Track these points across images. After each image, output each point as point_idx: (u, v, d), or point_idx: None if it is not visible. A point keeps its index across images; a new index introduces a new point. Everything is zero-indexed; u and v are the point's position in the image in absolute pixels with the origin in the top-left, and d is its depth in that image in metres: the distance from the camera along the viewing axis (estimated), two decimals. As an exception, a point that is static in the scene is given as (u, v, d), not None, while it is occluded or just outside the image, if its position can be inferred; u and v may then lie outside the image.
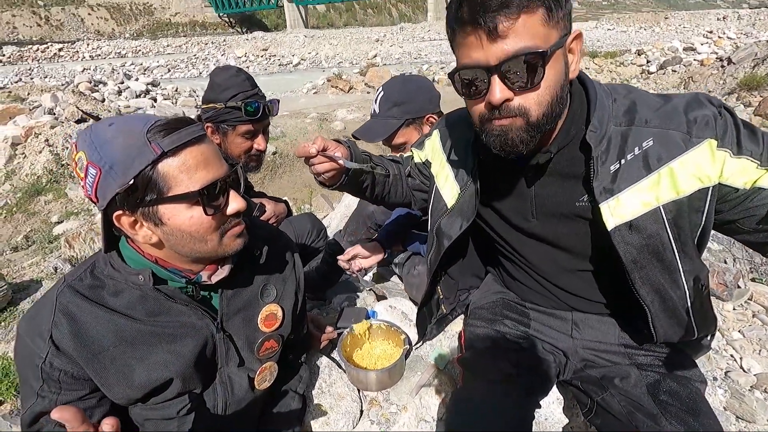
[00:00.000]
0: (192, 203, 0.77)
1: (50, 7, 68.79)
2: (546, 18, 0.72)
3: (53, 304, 0.80)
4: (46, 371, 0.78)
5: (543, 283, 1.09)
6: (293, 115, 11.01)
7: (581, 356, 1.07)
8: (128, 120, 0.76)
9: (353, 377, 1.31)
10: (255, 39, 41.62)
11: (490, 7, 0.70)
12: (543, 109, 0.78)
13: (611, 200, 0.85)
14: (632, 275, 0.89)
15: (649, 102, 0.86)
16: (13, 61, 33.31)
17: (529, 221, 1.00)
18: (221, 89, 1.45)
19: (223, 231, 0.83)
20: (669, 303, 0.90)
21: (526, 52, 0.72)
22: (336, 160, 0.99)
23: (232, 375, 0.95)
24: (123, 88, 13.02)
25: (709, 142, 0.79)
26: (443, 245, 1.11)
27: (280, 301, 1.02)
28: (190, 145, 0.76)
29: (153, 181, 0.74)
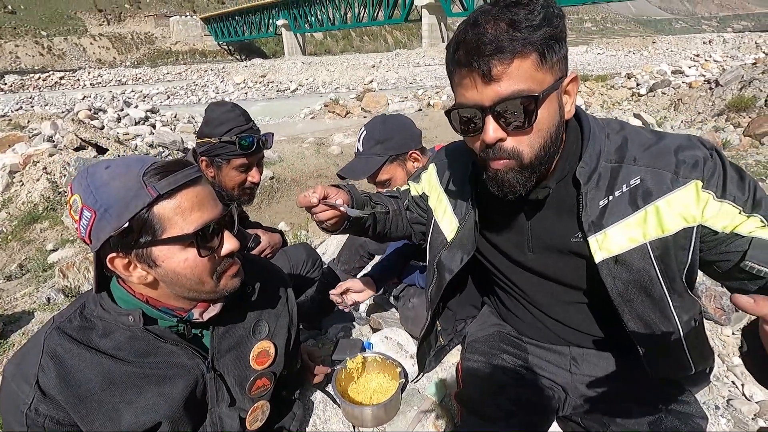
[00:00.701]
0: (186, 245, 0.77)
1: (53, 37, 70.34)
2: (539, 63, 0.74)
3: (41, 348, 0.78)
4: (31, 417, 0.76)
5: (540, 317, 1.08)
6: (291, 140, 11.14)
7: (580, 392, 1.05)
8: (124, 162, 0.77)
9: (348, 413, 1.28)
10: (253, 66, 42.52)
11: (484, 51, 0.73)
12: (535, 152, 0.80)
13: (599, 234, 0.86)
14: (620, 309, 0.89)
15: (640, 140, 0.87)
16: (15, 90, 33.79)
17: (525, 255, 1.01)
18: (216, 124, 1.47)
19: (219, 273, 0.83)
20: (661, 339, 0.90)
21: (518, 96, 0.74)
22: (337, 207, 1.00)
23: (223, 416, 0.93)
24: (122, 116, 13.18)
25: (695, 183, 0.80)
26: (445, 279, 1.11)
27: (273, 338, 1.01)
28: (185, 188, 0.77)
29: (148, 224, 0.74)
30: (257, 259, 1.14)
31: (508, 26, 0.72)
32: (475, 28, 0.74)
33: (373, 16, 61.48)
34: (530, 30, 0.72)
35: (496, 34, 0.72)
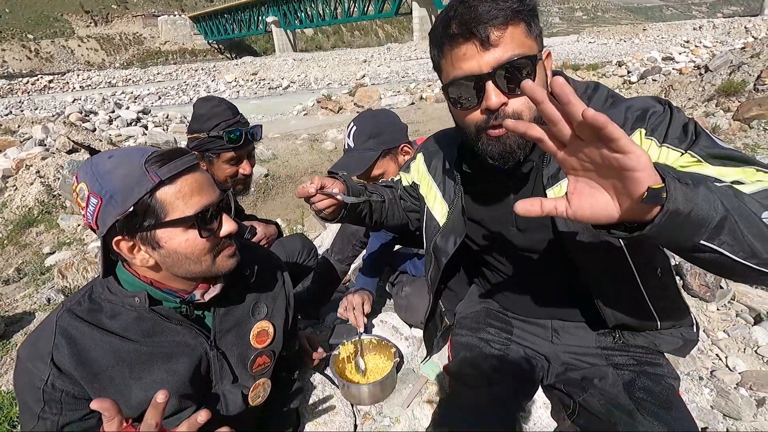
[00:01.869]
0: (187, 227, 0.83)
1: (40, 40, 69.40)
2: (528, 31, 0.82)
3: (53, 328, 0.83)
4: (47, 393, 0.80)
5: (523, 291, 1.14)
6: (284, 137, 11.13)
7: (562, 360, 1.11)
8: (127, 152, 0.82)
9: (346, 392, 1.34)
10: (244, 64, 42.24)
11: (480, 19, 0.78)
12: (534, 113, 0.84)
13: (555, 186, 0.92)
14: (578, 257, 0.95)
15: (603, 99, 0.94)
16: (3, 95, 33.43)
17: (509, 230, 1.06)
18: (204, 119, 1.51)
19: (216, 252, 0.88)
20: (617, 285, 0.96)
21: (518, 56, 0.80)
22: (334, 196, 1.05)
23: (227, 392, 0.98)
24: (114, 117, 13.12)
25: (639, 131, 0.86)
26: (441, 262, 1.16)
27: (271, 318, 1.06)
28: (185, 174, 0.82)
29: (151, 208, 0.79)
30: (254, 245, 1.19)
31: (493, 2, 0.79)
32: (462, 4, 0.81)
33: (364, 11, 61.17)
34: (514, 3, 0.79)
35: (486, 6, 0.79)
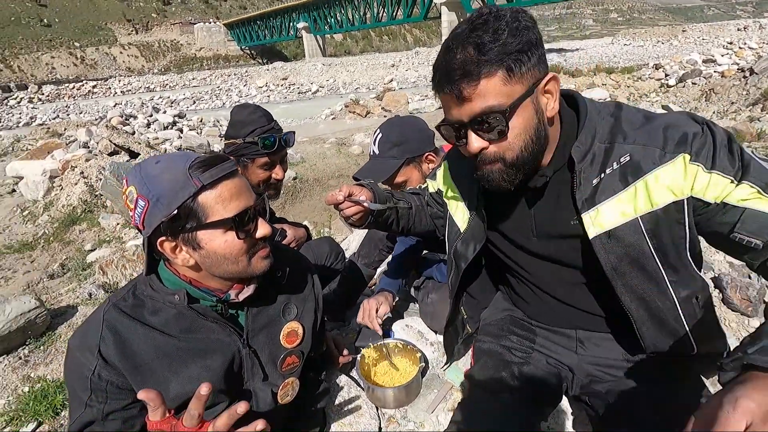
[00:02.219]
0: (227, 229, 0.87)
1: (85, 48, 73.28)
2: (506, 78, 0.81)
3: (101, 322, 0.89)
4: (94, 382, 0.86)
5: (547, 301, 1.12)
6: (312, 141, 11.32)
7: (587, 371, 1.09)
8: (172, 158, 0.88)
9: (371, 395, 1.35)
10: (275, 69, 43.26)
11: (453, 77, 0.82)
12: (517, 153, 0.87)
13: (592, 211, 0.91)
14: (614, 282, 0.93)
15: (632, 119, 0.91)
16: (52, 99, 35.42)
17: (530, 240, 1.05)
18: (240, 126, 1.57)
19: (251, 253, 0.92)
20: (656, 312, 0.93)
21: (488, 111, 0.82)
22: (361, 203, 1.10)
23: (257, 389, 1.02)
24: (151, 121, 13.69)
25: (683, 157, 0.83)
26: (461, 267, 1.17)
27: (301, 319, 1.09)
28: (225, 179, 0.87)
29: (194, 211, 0.84)
30: (286, 248, 1.22)
31: (475, 50, 0.80)
32: (446, 54, 0.83)
33: (393, 15, 61.50)
34: (495, 51, 0.79)
35: (463, 59, 0.80)
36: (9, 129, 17.79)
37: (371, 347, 1.45)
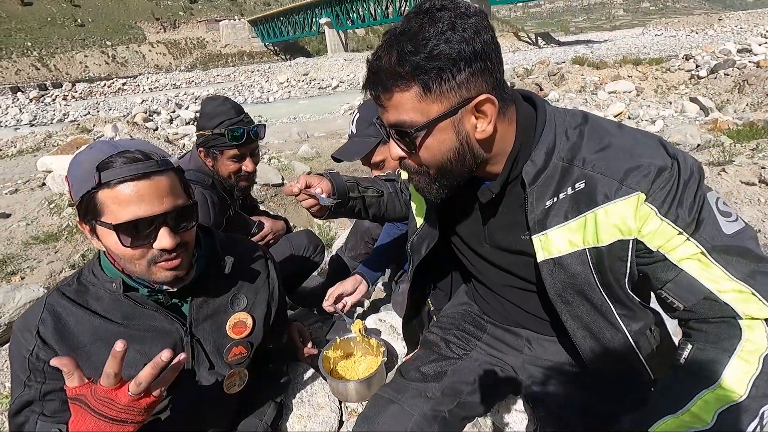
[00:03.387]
0: (117, 233, 0.85)
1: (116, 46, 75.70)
2: (421, 94, 0.75)
3: (42, 305, 0.93)
4: (32, 362, 0.89)
5: (500, 300, 1.10)
6: (329, 136, 11.37)
7: (529, 372, 1.07)
8: (100, 147, 0.87)
9: (333, 388, 1.35)
10: (297, 65, 43.61)
11: (372, 81, 0.80)
12: (436, 171, 0.84)
13: (542, 235, 0.86)
14: (558, 307, 0.89)
15: (597, 138, 0.83)
16: (84, 97, 36.80)
17: (483, 246, 1.03)
18: (209, 117, 1.59)
19: (150, 261, 0.89)
20: (604, 342, 0.89)
21: (398, 126, 0.80)
22: (315, 196, 1.09)
23: (202, 378, 1.03)
24: (174, 117, 14.07)
25: (638, 196, 0.76)
26: (415, 262, 1.16)
27: (251, 310, 1.10)
28: (129, 180, 0.84)
29: (92, 205, 0.85)
30: (240, 239, 1.22)
31: (396, 58, 0.75)
32: (375, 54, 0.80)
33: (415, 9, 60.83)
34: (413, 64, 0.73)
35: (382, 65, 0.77)
36: (43, 125, 18.60)
37: (337, 340, 1.45)
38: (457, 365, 1.08)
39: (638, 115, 8.34)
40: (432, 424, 0.96)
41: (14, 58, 64.66)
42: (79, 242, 6.24)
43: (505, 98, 0.81)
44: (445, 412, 0.98)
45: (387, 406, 1.00)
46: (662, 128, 7.09)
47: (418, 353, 1.16)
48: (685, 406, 0.72)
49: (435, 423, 0.97)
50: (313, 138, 10.99)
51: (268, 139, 9.84)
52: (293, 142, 9.88)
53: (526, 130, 0.86)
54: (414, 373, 1.08)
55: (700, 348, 0.77)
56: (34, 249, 6.14)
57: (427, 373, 1.07)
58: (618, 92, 11.15)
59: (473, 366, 1.08)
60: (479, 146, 0.83)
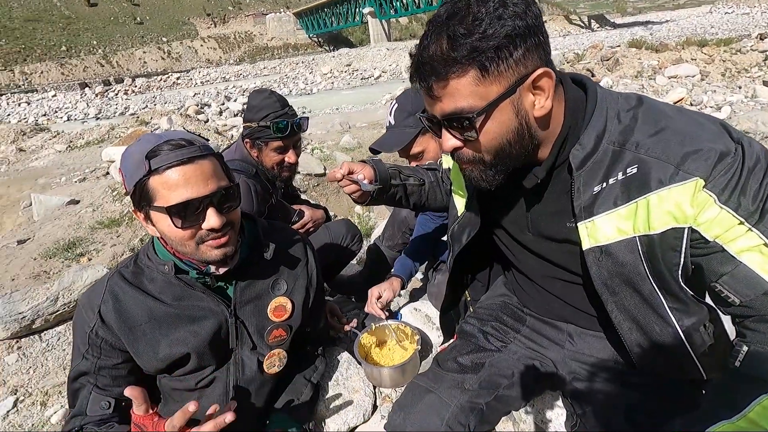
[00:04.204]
0: (170, 216, 0.91)
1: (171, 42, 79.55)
2: (479, 77, 0.72)
3: (104, 286, 1.02)
4: (92, 338, 0.99)
5: (541, 292, 1.07)
6: (371, 126, 11.42)
7: (570, 368, 1.03)
8: (148, 138, 0.94)
9: (368, 373, 1.39)
10: (340, 56, 43.95)
11: (422, 73, 0.76)
12: (493, 156, 0.80)
13: (588, 222, 0.82)
14: (604, 298, 0.85)
15: (651, 122, 0.78)
16: (143, 91, 39.06)
17: (525, 235, 1.00)
18: (255, 110, 1.66)
19: (199, 241, 0.95)
20: (653, 336, 0.84)
21: (457, 114, 0.75)
22: (357, 182, 1.11)
23: (244, 357, 1.09)
24: (223, 109, 14.67)
25: (696, 182, 0.71)
26: (455, 251, 1.16)
27: (290, 295, 1.15)
28: (175, 166, 0.90)
29: (144, 192, 0.91)
30: (281, 227, 1.27)
31: (447, 43, 0.71)
32: (421, 43, 0.76)
33: (460, -5, 59.29)
34: (468, 47, 0.70)
35: (433, 53, 0.73)
36: (107, 118, 19.99)
37: (373, 327, 1.48)
38: (494, 357, 1.07)
39: (702, 101, 7.72)
40: (469, 415, 0.96)
41: (82, 56, 69.71)
42: (137, 228, 6.68)
43: (556, 74, 0.78)
44: (482, 405, 0.97)
45: (424, 396, 1.01)
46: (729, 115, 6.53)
47: (454, 343, 1.16)
48: (742, 412, 0.68)
49: (472, 415, 0.96)
50: (355, 128, 11.09)
51: (311, 130, 10.03)
52: (335, 133, 10.02)
53: (575, 113, 0.83)
54: (451, 364, 1.07)
55: (758, 349, 0.72)
56: (99, 233, 6.66)
57: (464, 364, 1.06)
58: (679, 77, 10.34)
59: (511, 359, 1.07)
60: (537, 125, 0.80)
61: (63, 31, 74.49)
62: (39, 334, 2.51)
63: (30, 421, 2.05)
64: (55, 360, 2.38)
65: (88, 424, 0.98)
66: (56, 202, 6.63)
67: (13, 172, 9.06)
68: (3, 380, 2.27)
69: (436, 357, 1.15)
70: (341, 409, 1.29)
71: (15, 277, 4.23)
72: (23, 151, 10.84)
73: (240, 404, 1.10)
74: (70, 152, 10.34)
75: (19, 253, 4.90)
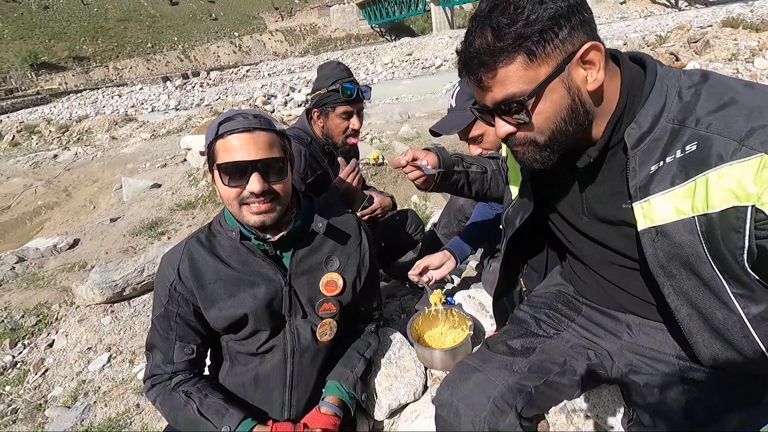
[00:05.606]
0: (220, 173, 1.03)
1: (242, 36, 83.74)
2: (527, 62, 0.74)
3: (183, 247, 1.16)
4: (171, 291, 1.14)
5: (598, 279, 1.03)
6: (430, 116, 11.32)
7: (627, 360, 0.99)
8: (227, 112, 1.07)
9: (420, 354, 1.42)
10: (401, 45, 43.78)
11: (470, 67, 0.79)
12: (548, 136, 0.81)
13: (644, 201, 0.79)
14: (660, 281, 0.81)
15: (715, 97, 0.74)
16: (216, 83, 41.64)
17: (581, 218, 0.97)
18: (324, 78, 1.78)
19: (241, 202, 1.05)
20: (714, 325, 0.79)
21: (507, 101, 0.78)
22: (421, 168, 1.15)
23: (299, 326, 1.18)
24: (288, 100, 15.28)
25: (761, 158, 0.66)
26: (508, 234, 1.16)
27: (342, 272, 1.21)
28: (236, 133, 1.01)
29: (211, 152, 1.04)
30: (338, 209, 1.31)
31: (492, 35, 0.74)
32: (466, 39, 0.79)
33: (528, -23, 56.32)
34: (512, 35, 0.72)
35: (479, 46, 0.76)
36: (185, 110, 21.63)
37: (426, 311, 1.51)
38: (546, 344, 1.06)
39: (810, 86, 6.75)
40: (516, 396, 0.95)
41: (164, 52, 75.68)
42: (210, 210, 7.23)
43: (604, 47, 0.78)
44: (531, 388, 0.97)
45: (472, 374, 1.02)
46: None
47: (506, 328, 1.16)
48: None
49: (519, 396, 0.96)
50: (414, 118, 11.06)
51: (371, 120, 10.16)
52: (394, 123, 10.06)
53: (631, 91, 0.81)
54: (501, 346, 1.08)
55: None
56: (177, 214, 7.29)
57: (514, 348, 1.06)
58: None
59: (564, 347, 1.05)
60: (590, 100, 0.80)
61: (149, 29, 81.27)
62: (128, 301, 2.84)
63: (121, 375, 2.34)
64: (141, 324, 2.68)
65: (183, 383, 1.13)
66: (142, 185, 7.33)
67: (107, 158, 10.14)
68: (100, 339, 2.60)
69: (486, 340, 1.16)
70: (393, 385, 1.34)
71: (108, 250, 4.78)
72: (115, 139, 12.08)
73: (298, 370, 1.19)
74: (154, 140, 11.35)
75: (112, 230, 5.51)
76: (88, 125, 14.03)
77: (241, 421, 1.06)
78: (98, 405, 2.15)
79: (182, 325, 1.15)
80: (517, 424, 0.93)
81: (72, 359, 2.49)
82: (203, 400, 1.09)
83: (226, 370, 1.21)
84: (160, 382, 1.14)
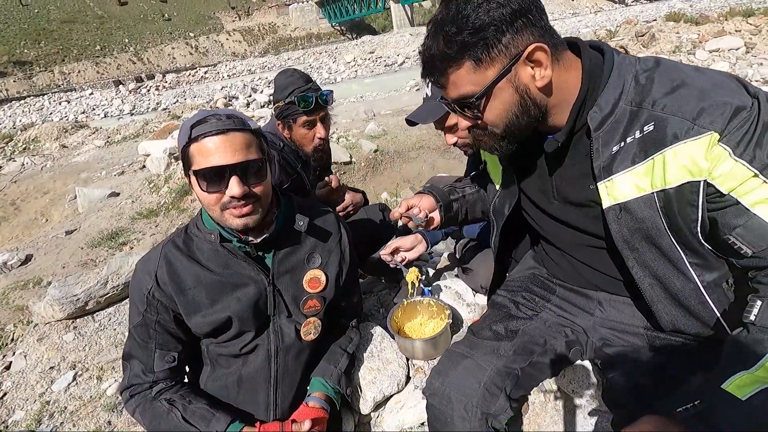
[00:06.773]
0: (197, 178, 1.00)
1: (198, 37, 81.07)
2: (474, 66, 0.81)
3: (160, 252, 1.12)
4: (149, 299, 1.09)
5: (570, 260, 1.09)
6: (395, 114, 11.37)
7: (600, 334, 1.05)
8: (199, 113, 1.03)
9: (401, 346, 1.44)
10: (363, 43, 43.71)
11: (427, 69, 0.87)
12: (503, 128, 0.87)
13: (607, 181, 0.85)
14: (624, 254, 0.88)
15: (667, 80, 0.80)
16: (173, 86, 40.12)
17: (552, 203, 1.02)
18: (281, 89, 1.71)
19: (222, 207, 1.02)
20: (674, 293, 0.86)
21: (461, 100, 0.84)
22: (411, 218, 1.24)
23: (282, 325, 1.17)
24: (250, 101, 14.93)
25: (711, 136, 0.72)
26: (499, 224, 1.19)
27: (325, 268, 1.21)
28: (210, 135, 0.98)
29: (186, 157, 1.01)
30: (317, 207, 1.32)
31: (444, 41, 0.80)
32: (424, 43, 0.86)
33: (484, -25, 57.51)
34: (459, 44, 0.79)
35: (434, 53, 0.83)
36: (141, 114, 20.72)
37: (404, 303, 1.53)
38: (527, 325, 1.10)
39: (747, 75, 7.28)
40: (505, 379, 0.99)
41: (115, 54, 72.14)
42: (174, 218, 6.98)
43: (556, 44, 0.82)
44: (518, 370, 1.01)
45: (461, 361, 1.05)
46: (776, 88, 6.14)
47: (487, 313, 1.20)
48: (760, 361, 0.71)
49: (508, 379, 1.00)
50: (380, 116, 11.07)
51: (336, 119, 10.10)
52: (360, 121, 10.03)
53: (592, 78, 0.86)
54: (486, 332, 1.11)
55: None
56: (139, 223, 6.99)
57: (499, 332, 1.10)
58: (722, 50, 9.74)
59: (543, 327, 1.10)
60: (541, 94, 0.85)
61: (97, 30, 77.19)
62: (92, 315, 2.70)
63: (89, 393, 2.22)
64: (107, 338, 2.56)
65: (165, 391, 1.09)
66: (99, 194, 6.97)
67: (58, 168, 9.57)
68: (63, 357, 2.47)
69: (471, 327, 1.18)
70: (376, 378, 1.35)
71: (65, 264, 4.52)
72: (66, 148, 11.42)
73: (282, 369, 1.18)
74: (109, 147, 10.80)
75: (68, 243, 5.21)
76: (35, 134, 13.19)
77: (228, 425, 1.04)
78: (65, 425, 2.04)
79: (162, 332, 1.11)
80: (507, 406, 0.96)
81: (33, 380, 2.35)
82: (187, 406, 1.06)
83: (207, 374, 1.18)
84: (139, 392, 1.10)
